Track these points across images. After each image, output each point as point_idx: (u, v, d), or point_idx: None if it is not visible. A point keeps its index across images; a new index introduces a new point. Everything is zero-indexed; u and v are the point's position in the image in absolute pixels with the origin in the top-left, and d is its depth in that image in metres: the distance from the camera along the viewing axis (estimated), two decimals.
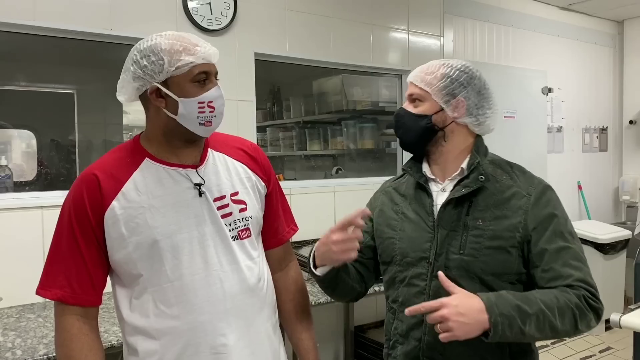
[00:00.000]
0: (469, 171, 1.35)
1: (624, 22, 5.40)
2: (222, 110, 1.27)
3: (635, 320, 2.07)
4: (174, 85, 1.22)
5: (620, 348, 4.01)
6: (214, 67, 1.26)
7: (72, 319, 1.22)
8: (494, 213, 1.31)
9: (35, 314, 2.14)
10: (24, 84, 2.86)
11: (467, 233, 1.31)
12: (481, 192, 1.34)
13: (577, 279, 1.25)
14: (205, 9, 2.78)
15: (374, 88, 3.84)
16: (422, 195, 1.41)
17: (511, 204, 1.31)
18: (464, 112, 1.37)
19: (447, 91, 1.37)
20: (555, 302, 1.21)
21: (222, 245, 1.29)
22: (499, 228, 1.30)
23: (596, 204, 5.22)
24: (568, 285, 1.24)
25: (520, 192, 1.33)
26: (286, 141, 4.18)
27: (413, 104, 1.41)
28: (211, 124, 1.26)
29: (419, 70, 1.42)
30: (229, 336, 1.27)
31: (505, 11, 4.40)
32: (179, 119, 1.23)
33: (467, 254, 1.30)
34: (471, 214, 1.32)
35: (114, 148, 1.35)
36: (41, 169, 2.84)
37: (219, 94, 1.26)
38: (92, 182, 1.22)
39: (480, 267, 1.29)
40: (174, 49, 1.20)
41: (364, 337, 3.17)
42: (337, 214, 3.30)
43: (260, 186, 1.41)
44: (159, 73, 1.20)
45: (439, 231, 1.35)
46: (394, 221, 1.45)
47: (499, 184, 1.35)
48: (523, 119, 4.37)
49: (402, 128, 1.43)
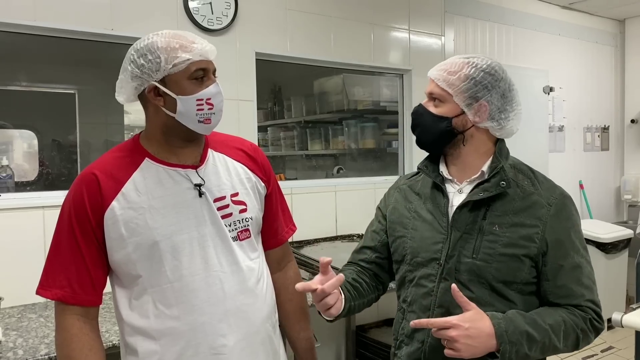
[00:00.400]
0: (490, 175, 1.31)
1: (626, 21, 5.39)
2: (221, 107, 1.26)
3: (637, 319, 2.07)
4: (172, 83, 1.21)
5: (622, 347, 4.00)
6: (211, 64, 1.26)
7: (73, 318, 1.22)
8: (512, 220, 1.28)
9: (36, 313, 2.14)
10: (25, 84, 2.86)
11: (482, 237, 1.28)
12: (500, 197, 1.30)
13: (588, 299, 1.26)
14: (206, 8, 2.78)
15: (375, 87, 3.84)
16: (438, 195, 1.38)
17: (530, 213, 1.28)
18: (485, 117, 1.32)
19: (469, 94, 1.29)
20: (562, 326, 1.22)
21: (222, 246, 1.29)
22: (515, 236, 1.26)
23: (598, 203, 5.21)
24: (577, 305, 1.26)
25: (540, 201, 1.29)
26: (287, 141, 4.18)
27: (433, 103, 1.35)
28: (210, 122, 1.25)
29: (442, 68, 1.34)
30: (229, 337, 1.27)
31: (507, 10, 4.39)
32: (177, 117, 1.23)
33: (480, 259, 1.27)
34: (488, 219, 1.29)
35: (114, 147, 1.34)
36: (42, 169, 2.84)
37: (217, 91, 1.24)
38: (92, 182, 1.22)
39: (492, 273, 1.26)
40: (170, 47, 1.20)
41: (366, 336, 3.17)
42: (338, 213, 3.30)
43: (260, 187, 1.41)
44: (157, 71, 1.20)
45: (452, 233, 1.31)
46: (407, 219, 1.41)
47: (519, 189, 1.31)
48: (524, 118, 4.25)
49: (419, 127, 1.38)
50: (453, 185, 1.38)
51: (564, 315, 1.24)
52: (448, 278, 1.29)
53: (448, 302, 1.27)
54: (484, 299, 1.26)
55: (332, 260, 1.21)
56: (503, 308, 1.25)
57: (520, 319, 1.21)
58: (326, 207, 3.28)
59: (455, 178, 1.38)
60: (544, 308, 1.27)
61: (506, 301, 1.27)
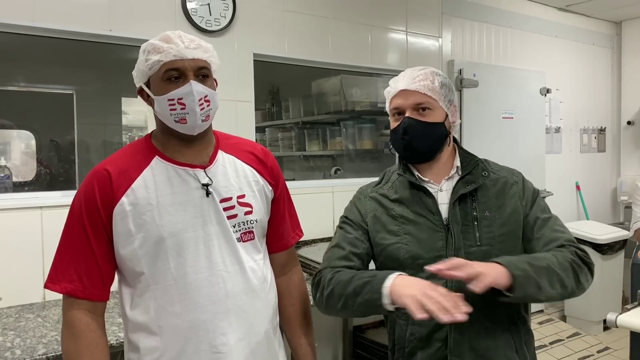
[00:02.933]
0: (471, 168, 1.44)
1: (622, 23, 5.41)
2: (193, 106, 1.22)
3: (632, 320, 2.08)
4: (152, 84, 1.25)
5: (618, 348, 4.02)
6: (190, 63, 1.23)
7: (80, 313, 1.23)
8: (496, 203, 1.41)
9: (34, 313, 2.14)
10: (23, 84, 2.86)
11: (479, 225, 1.38)
12: (479, 187, 1.42)
13: (566, 239, 1.38)
14: (205, 9, 2.78)
15: (373, 89, 3.85)
16: (421, 196, 1.42)
17: (507, 193, 1.43)
18: (457, 117, 1.50)
19: (448, 98, 1.44)
20: (555, 260, 1.31)
21: (227, 246, 1.30)
22: (504, 215, 1.39)
23: (594, 204, 5.23)
24: (560, 246, 1.36)
25: (508, 181, 1.45)
26: (285, 142, 4.18)
27: (418, 113, 1.41)
28: (186, 121, 1.24)
29: (415, 79, 1.41)
30: (230, 336, 1.28)
31: (504, 12, 4.40)
32: (159, 117, 1.27)
33: (484, 244, 1.36)
34: (478, 208, 1.39)
35: (127, 145, 1.37)
36: (40, 169, 2.84)
37: (188, 91, 1.22)
38: (104, 177, 1.24)
39: (497, 254, 1.34)
40: (147, 49, 1.24)
41: (363, 337, 3.17)
42: (336, 214, 3.30)
43: (268, 190, 1.42)
44: (143, 73, 1.25)
45: (453, 227, 1.38)
46: (395, 226, 1.42)
47: (489, 177, 1.45)
48: (521, 119, 4.38)
49: (418, 139, 1.41)
50: (430, 186, 1.44)
51: (552, 252, 1.34)
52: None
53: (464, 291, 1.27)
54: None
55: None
56: None
57: (519, 257, 1.31)
58: (324, 207, 3.28)
59: (430, 179, 1.46)
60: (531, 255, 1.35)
61: None
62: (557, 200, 4.68)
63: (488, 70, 4.16)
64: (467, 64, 4.03)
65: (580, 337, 4.20)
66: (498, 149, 4.08)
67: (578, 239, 4.34)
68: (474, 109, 4.01)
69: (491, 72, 4.17)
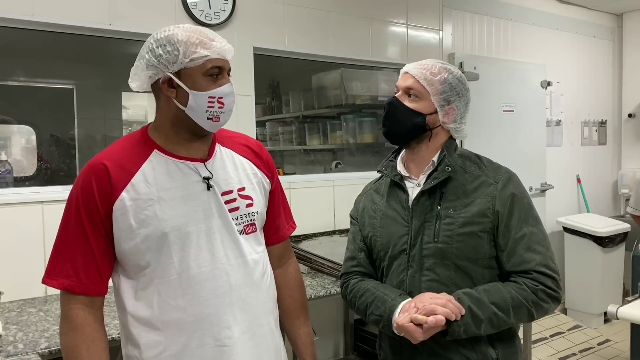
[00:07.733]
0: (437, 164, 1.43)
1: (623, 15, 5.39)
2: (231, 107, 1.28)
3: (633, 312, 2.09)
4: (187, 77, 1.23)
5: (619, 340, 4.03)
6: (227, 64, 1.28)
7: (78, 308, 1.23)
8: (464, 201, 1.38)
9: (36, 307, 2.15)
10: (23, 79, 2.85)
11: (439, 222, 1.38)
12: (451, 183, 1.41)
13: (539, 263, 1.32)
14: (204, 3, 2.77)
15: (373, 82, 3.84)
16: (399, 192, 1.48)
17: (480, 192, 1.38)
18: (451, 120, 1.45)
19: (445, 96, 1.42)
20: (510, 302, 1.30)
21: (229, 239, 1.30)
22: (469, 215, 1.36)
23: (595, 197, 5.23)
24: (529, 272, 1.32)
25: (488, 180, 1.40)
26: (285, 135, 4.18)
27: (408, 98, 1.44)
28: (219, 120, 1.27)
29: (422, 66, 1.44)
30: (234, 329, 1.29)
31: (504, 4, 4.39)
32: (187, 111, 1.24)
33: (441, 241, 1.37)
34: (443, 204, 1.39)
35: (121, 138, 1.36)
36: (41, 164, 2.84)
37: (230, 91, 1.27)
38: (102, 171, 1.22)
39: (455, 253, 1.36)
40: (190, 41, 1.22)
41: (364, 329, 3.19)
42: (337, 208, 3.31)
43: (265, 183, 1.43)
44: (173, 63, 1.22)
45: (413, 222, 1.41)
46: (374, 220, 1.51)
47: (467, 174, 1.42)
48: (522, 112, 4.37)
49: (392, 119, 1.46)
50: (411, 181, 1.48)
51: (512, 291, 1.31)
52: (414, 265, 1.39)
53: (416, 288, 1.39)
54: (449, 279, 1.36)
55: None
56: (468, 287, 1.34)
57: (466, 299, 1.29)
58: (324, 201, 3.29)
59: (412, 174, 1.48)
60: (493, 284, 1.34)
61: (470, 281, 1.36)
62: (557, 193, 4.68)
63: (489, 63, 4.15)
64: (467, 57, 4.01)
65: (580, 330, 4.21)
66: (499, 142, 4.07)
67: (579, 232, 4.39)
68: (475, 101, 3.92)
69: (492, 65, 4.16)
